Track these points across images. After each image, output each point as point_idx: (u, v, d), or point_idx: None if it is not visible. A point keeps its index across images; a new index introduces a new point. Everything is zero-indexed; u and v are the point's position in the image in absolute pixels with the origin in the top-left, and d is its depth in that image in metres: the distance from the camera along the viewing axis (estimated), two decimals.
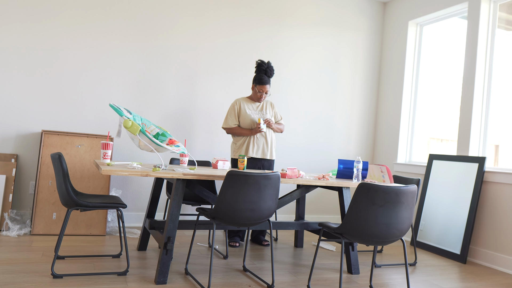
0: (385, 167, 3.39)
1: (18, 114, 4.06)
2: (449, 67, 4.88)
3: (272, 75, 3.98)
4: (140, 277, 2.85)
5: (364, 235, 2.48)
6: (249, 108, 3.98)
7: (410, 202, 2.52)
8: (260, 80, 3.91)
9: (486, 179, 4.02)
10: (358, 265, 3.35)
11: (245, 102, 4.02)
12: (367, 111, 5.52)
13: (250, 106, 4.00)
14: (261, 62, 3.96)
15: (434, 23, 5.02)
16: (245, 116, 3.93)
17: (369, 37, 5.50)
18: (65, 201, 2.78)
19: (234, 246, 3.93)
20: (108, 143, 2.93)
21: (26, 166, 4.09)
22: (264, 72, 3.94)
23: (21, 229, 3.79)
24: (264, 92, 3.94)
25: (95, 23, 4.29)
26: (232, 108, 3.98)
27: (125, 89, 4.42)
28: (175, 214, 2.82)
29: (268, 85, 3.94)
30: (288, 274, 3.19)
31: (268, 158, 3.99)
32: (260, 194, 2.68)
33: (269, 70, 3.95)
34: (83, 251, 3.39)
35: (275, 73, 5.01)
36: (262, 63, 3.95)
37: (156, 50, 4.51)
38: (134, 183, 4.47)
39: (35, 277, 2.69)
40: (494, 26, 4.26)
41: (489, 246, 3.95)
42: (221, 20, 4.77)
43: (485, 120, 4.26)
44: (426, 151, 5.09)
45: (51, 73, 4.16)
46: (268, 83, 3.93)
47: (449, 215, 4.23)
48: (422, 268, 3.69)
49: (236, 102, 4.00)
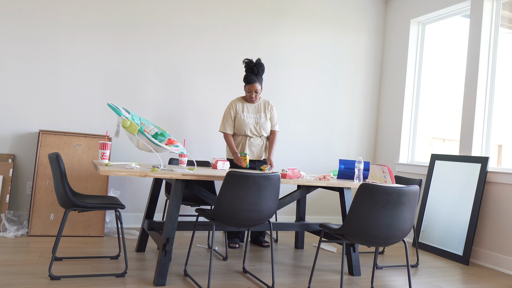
0: (386, 167, 3.38)
1: (15, 113, 4.04)
2: (451, 66, 4.88)
3: (261, 73, 3.84)
4: (138, 278, 2.84)
5: (366, 236, 2.47)
6: (245, 111, 3.89)
7: (412, 203, 2.51)
8: (247, 79, 3.79)
9: (489, 180, 4.00)
10: (359, 266, 3.34)
11: (240, 103, 3.91)
12: (368, 111, 5.49)
13: (246, 108, 3.91)
14: (248, 61, 3.83)
15: (436, 22, 5.01)
16: (240, 121, 3.87)
17: (370, 35, 5.47)
18: (62, 202, 2.77)
19: (234, 247, 3.90)
20: (106, 143, 2.92)
21: (23, 167, 4.07)
22: (251, 70, 3.82)
23: (18, 230, 3.78)
24: (254, 91, 3.81)
25: (93, 23, 4.27)
26: (228, 112, 3.89)
27: (123, 89, 4.39)
28: (174, 215, 2.81)
29: (257, 83, 3.80)
30: (289, 276, 3.18)
31: (263, 159, 3.99)
32: (260, 195, 2.67)
33: (256, 68, 3.80)
34: (81, 252, 3.38)
35: (274, 72, 4.99)
36: (249, 61, 3.83)
37: (154, 49, 4.49)
38: (132, 184, 4.45)
39: (32, 278, 2.67)
40: (497, 25, 4.24)
41: (492, 248, 3.93)
42: (221, 18, 4.74)
43: (488, 120, 4.24)
44: (428, 151, 5.08)
45: (48, 72, 4.14)
46: (256, 82, 3.79)
47: (452, 216, 4.21)
48: (424, 269, 3.67)
49: (232, 105, 3.89)
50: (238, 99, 3.96)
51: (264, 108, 3.97)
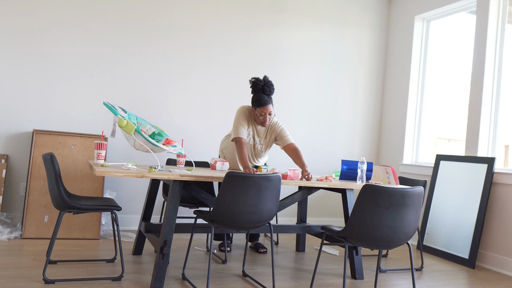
0: (390, 168, 3.37)
1: (8, 113, 4.01)
2: (457, 64, 4.91)
3: (273, 92, 3.46)
4: (135, 282, 2.83)
5: (369, 239, 2.46)
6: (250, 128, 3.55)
7: (417, 205, 2.50)
8: (259, 101, 3.37)
9: (496, 181, 3.98)
10: (362, 270, 3.33)
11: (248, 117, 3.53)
12: (371, 110, 5.46)
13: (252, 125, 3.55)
14: (255, 80, 3.45)
15: (441, 18, 5.00)
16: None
17: (373, 33, 5.44)
18: (57, 203, 2.76)
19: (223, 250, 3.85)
20: (102, 143, 2.93)
21: (17, 167, 4.05)
22: (261, 91, 3.43)
23: (12, 233, 3.77)
24: (268, 113, 3.40)
25: (88, 20, 4.25)
26: (243, 116, 3.48)
27: (120, 87, 4.38)
28: (172, 217, 2.81)
29: (270, 105, 3.41)
30: (290, 280, 3.16)
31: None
32: (260, 196, 2.66)
33: (267, 87, 3.43)
34: (76, 255, 3.37)
35: (274, 71, 4.96)
36: (257, 80, 3.44)
37: (152, 47, 4.48)
38: (129, 185, 4.44)
39: (26, 282, 2.66)
40: (504, 21, 4.22)
41: (499, 251, 3.90)
42: (220, 16, 4.72)
43: (494, 119, 4.22)
44: (433, 152, 5.08)
45: (43, 70, 4.12)
46: (269, 103, 3.40)
47: (457, 218, 4.19)
48: (429, 273, 3.66)
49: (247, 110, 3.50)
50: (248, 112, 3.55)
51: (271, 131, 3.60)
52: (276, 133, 3.59)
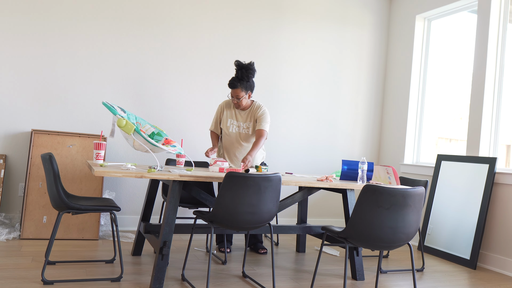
0: (391, 168, 3.36)
1: (6, 112, 4.00)
2: (458, 63, 4.92)
3: (247, 78, 3.54)
4: (134, 283, 2.82)
5: (369, 240, 2.46)
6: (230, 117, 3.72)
7: (418, 205, 2.49)
8: (229, 83, 3.55)
9: (497, 181, 3.97)
10: (363, 271, 3.32)
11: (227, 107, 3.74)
12: (372, 110, 5.45)
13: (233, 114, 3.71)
14: (237, 63, 3.57)
15: (442, 18, 4.99)
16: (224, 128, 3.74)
17: (374, 32, 5.43)
18: (56, 203, 2.76)
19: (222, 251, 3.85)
20: (101, 143, 2.93)
21: (15, 167, 4.04)
22: (236, 74, 3.57)
23: (10, 233, 3.76)
24: (235, 96, 3.55)
25: (87, 20, 4.24)
26: (219, 107, 3.78)
27: (119, 87, 4.37)
28: (171, 218, 2.81)
29: (239, 88, 3.52)
30: (290, 280, 3.16)
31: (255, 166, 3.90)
32: (260, 197, 2.66)
33: (240, 71, 3.53)
34: (75, 256, 3.36)
35: (274, 70, 4.94)
36: (237, 63, 3.57)
37: (152, 46, 4.46)
38: (128, 185, 4.43)
39: (24, 283, 2.66)
40: (505, 20, 4.21)
41: (500, 251, 3.90)
42: (221, 15, 4.71)
43: (496, 119, 4.21)
44: (434, 152, 5.07)
45: (41, 69, 4.11)
46: (237, 87, 3.52)
47: (458, 219, 4.18)
48: (430, 274, 3.65)
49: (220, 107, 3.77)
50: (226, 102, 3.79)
51: (249, 116, 3.72)
52: (256, 116, 3.68)
